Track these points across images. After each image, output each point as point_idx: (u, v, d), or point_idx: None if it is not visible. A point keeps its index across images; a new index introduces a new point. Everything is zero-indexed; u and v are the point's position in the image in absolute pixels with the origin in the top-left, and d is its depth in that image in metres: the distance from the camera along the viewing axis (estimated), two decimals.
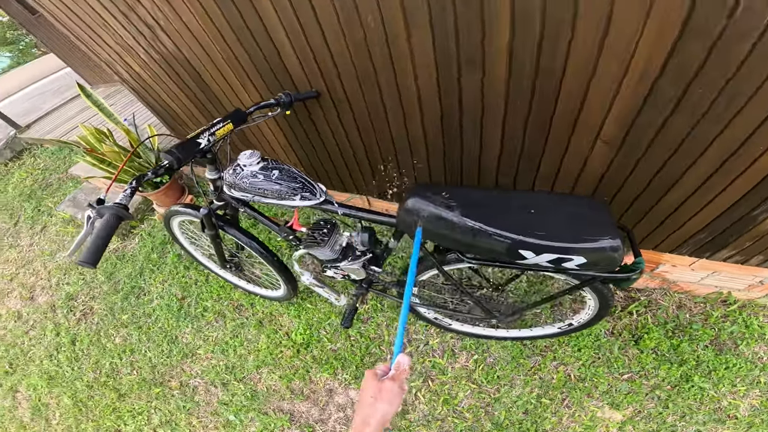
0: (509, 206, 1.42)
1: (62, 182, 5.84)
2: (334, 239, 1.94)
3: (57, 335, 3.93)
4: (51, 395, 3.66)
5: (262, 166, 1.71)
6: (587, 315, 2.07)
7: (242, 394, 2.99)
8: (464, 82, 1.66)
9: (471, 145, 1.98)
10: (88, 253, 1.23)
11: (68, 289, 4.21)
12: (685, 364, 2.28)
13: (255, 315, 3.29)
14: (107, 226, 1.29)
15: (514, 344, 2.59)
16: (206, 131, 1.66)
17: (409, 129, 2.08)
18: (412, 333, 2.83)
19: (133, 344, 3.56)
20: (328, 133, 2.47)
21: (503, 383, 2.51)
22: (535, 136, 1.74)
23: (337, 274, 2.20)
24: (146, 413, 3.22)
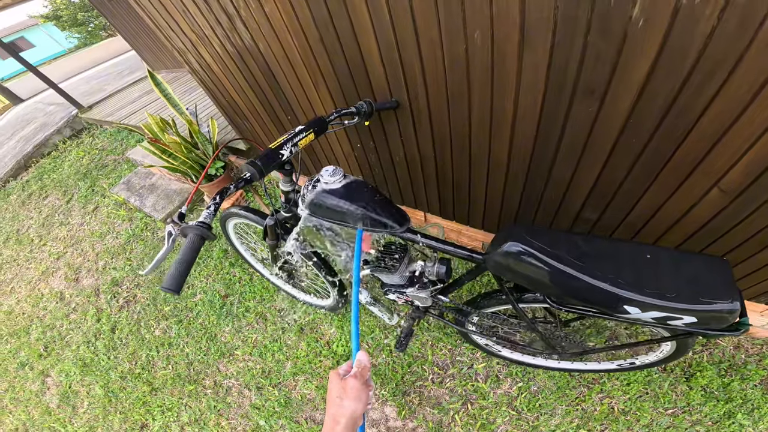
0: (619, 258, 1.28)
1: (118, 164, 5.90)
2: (405, 266, 1.84)
3: (98, 321, 3.93)
4: (82, 383, 3.63)
5: (345, 184, 1.60)
6: (656, 357, 1.95)
7: (276, 399, 2.91)
8: (574, 111, 1.53)
9: (559, 178, 1.87)
10: (172, 279, 1.15)
11: (114, 274, 4.21)
12: (732, 401, 2.20)
13: (297, 321, 3.21)
14: (192, 248, 1.20)
15: (562, 374, 2.49)
16: (288, 141, 1.55)
17: (493, 151, 1.97)
18: (457, 355, 2.73)
19: (171, 338, 3.51)
20: (398, 145, 2.37)
21: (544, 412, 2.42)
22: (641, 178, 1.63)
23: (399, 299, 2.07)
24: (176, 410, 3.16)
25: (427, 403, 2.63)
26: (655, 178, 1.59)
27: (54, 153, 7.18)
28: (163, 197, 4.55)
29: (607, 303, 1.24)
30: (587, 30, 1.25)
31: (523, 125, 1.73)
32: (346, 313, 3.11)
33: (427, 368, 2.73)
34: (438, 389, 2.65)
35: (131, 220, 4.76)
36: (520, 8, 1.31)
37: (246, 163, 1.43)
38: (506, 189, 2.18)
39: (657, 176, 1.58)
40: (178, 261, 1.17)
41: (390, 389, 2.72)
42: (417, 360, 2.77)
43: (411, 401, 2.66)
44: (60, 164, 6.69)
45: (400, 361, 2.79)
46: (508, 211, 2.35)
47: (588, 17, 1.21)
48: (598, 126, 1.53)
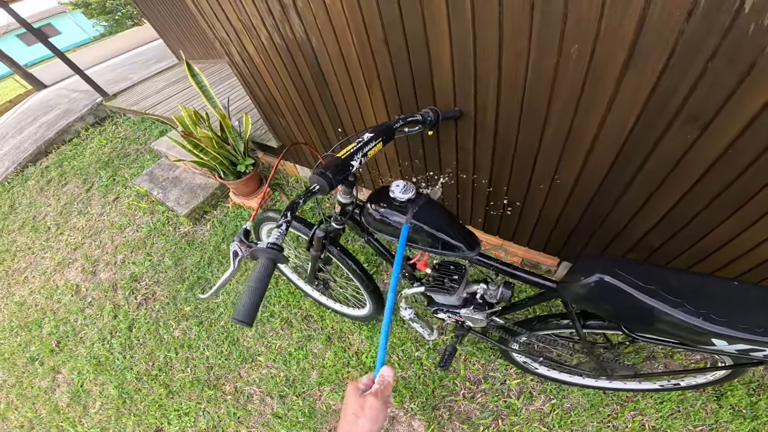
0: (709, 293, 1.23)
1: (140, 154, 5.82)
2: (463, 287, 1.73)
3: (114, 318, 3.83)
4: (95, 382, 3.54)
5: (418, 203, 1.50)
6: (704, 379, 1.94)
7: (299, 409, 2.83)
8: (668, 138, 1.44)
9: (629, 204, 1.81)
10: (245, 310, 1.02)
11: (133, 269, 4.11)
12: (757, 419, 2.21)
13: (324, 329, 3.12)
14: (265, 274, 1.07)
15: (596, 392, 2.45)
16: (358, 151, 1.40)
17: (560, 173, 1.87)
18: (490, 370, 2.67)
19: (191, 340, 3.42)
20: (451, 157, 2.27)
21: (575, 428, 2.39)
22: (722, 209, 1.56)
23: (449, 319, 1.99)
24: (193, 415, 3.08)
25: (457, 418, 2.58)
26: (736, 211, 1.53)
27: (75, 140, 7.11)
28: (187, 191, 4.46)
29: (696, 337, 1.20)
30: (711, 56, 1.16)
31: (602, 149, 1.64)
32: (376, 323, 3.02)
33: (459, 383, 2.67)
34: (469, 404, 2.60)
35: (153, 213, 4.67)
36: (635, 29, 1.21)
37: (315, 173, 1.29)
38: (564, 211, 2.09)
39: (739, 208, 1.51)
40: (250, 289, 1.04)
41: (419, 403, 2.65)
42: (449, 374, 2.71)
43: (440, 416, 2.60)
44: (81, 151, 6.62)
45: (431, 375, 2.73)
46: (560, 232, 2.28)
47: (717, 44, 1.13)
48: (691, 154, 1.45)
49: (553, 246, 2.45)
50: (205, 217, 4.34)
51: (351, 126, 2.64)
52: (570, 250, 2.38)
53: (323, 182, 1.28)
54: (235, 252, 1.23)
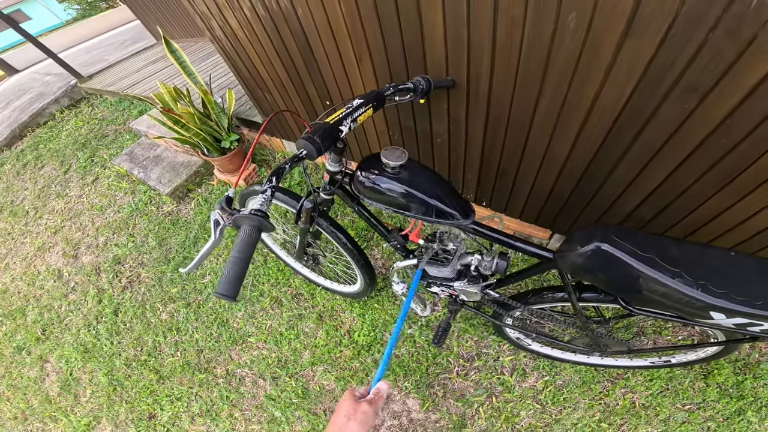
0: (707, 264, 1.22)
1: (119, 134, 5.72)
2: (457, 259, 1.72)
3: (99, 302, 3.79)
4: (84, 370, 3.53)
5: (410, 168, 1.48)
6: (696, 356, 1.97)
7: (292, 390, 2.85)
8: (664, 109, 1.43)
9: (622, 176, 1.81)
10: (228, 283, 0.97)
11: (116, 251, 4.06)
12: (743, 399, 2.28)
13: (315, 307, 3.11)
14: (249, 243, 1.01)
15: (588, 369, 2.51)
16: (348, 116, 1.37)
17: (553, 144, 1.86)
18: (483, 347, 2.70)
19: (180, 322, 3.40)
20: (443, 127, 2.24)
21: (567, 405, 2.45)
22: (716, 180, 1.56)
23: (443, 292, 1.99)
24: (186, 399, 3.08)
25: (451, 396, 2.61)
26: (730, 181, 1.53)
27: (51, 123, 6.98)
28: (170, 170, 4.39)
29: (694, 310, 1.19)
30: (712, 28, 1.15)
31: (597, 119, 1.63)
32: (368, 300, 3.02)
33: (452, 360, 2.70)
34: (463, 381, 2.63)
35: (134, 193, 4.59)
36: None
37: (302, 138, 1.26)
38: (557, 183, 2.09)
39: (734, 179, 1.52)
40: (233, 260, 0.99)
41: (413, 381, 2.68)
42: (442, 351, 2.73)
43: (435, 393, 2.64)
44: (57, 134, 6.50)
45: (424, 352, 2.75)
46: (553, 204, 2.27)
47: (718, 15, 1.12)
48: (687, 125, 1.44)
49: (545, 218, 2.45)
50: (189, 195, 4.28)
51: (339, 99, 2.60)
52: (562, 222, 2.38)
53: (311, 147, 1.24)
54: (216, 221, 1.18)
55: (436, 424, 2.59)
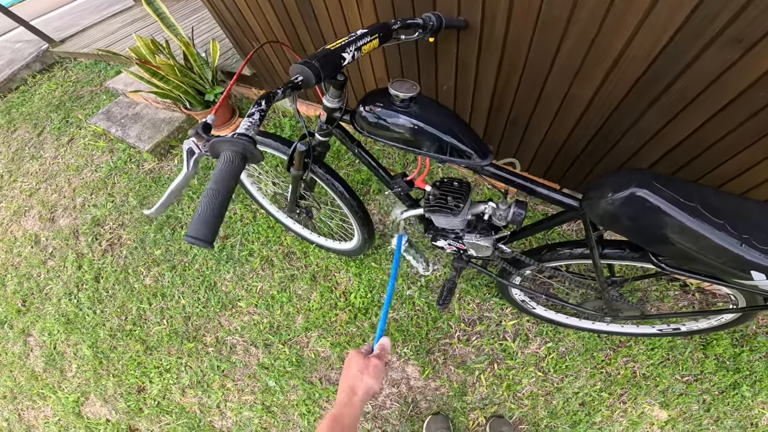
0: (752, 219, 1.12)
1: (95, 95, 5.52)
2: (468, 206, 1.60)
3: (79, 268, 3.67)
4: (68, 342, 3.47)
5: (420, 102, 1.34)
6: (707, 325, 1.92)
7: (286, 358, 2.80)
8: (703, 59, 1.34)
9: (645, 129, 1.71)
10: (204, 224, 0.79)
11: (95, 212, 3.92)
12: (739, 372, 2.32)
13: (308, 267, 3.03)
14: (230, 173, 0.84)
15: (591, 336, 2.51)
16: (352, 44, 1.24)
17: (572, 93, 1.75)
18: (485, 310, 2.66)
19: (165, 288, 3.31)
20: (450, 72, 2.10)
21: (570, 373, 2.47)
22: (751, 133, 1.47)
23: (450, 247, 1.88)
24: (175, 371, 3.04)
25: (452, 363, 2.59)
26: (762, 137, 1.45)
27: (23, 87, 6.76)
28: (150, 127, 4.23)
29: (733, 268, 1.10)
30: None
31: (625, 69, 1.53)
32: (364, 259, 2.94)
33: (453, 324, 2.66)
34: (464, 347, 2.61)
35: (112, 152, 4.43)
36: None
37: (299, 62, 1.13)
38: (573, 133, 1.98)
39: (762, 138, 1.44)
40: (210, 194, 0.81)
41: (413, 347, 2.65)
42: (443, 315, 2.68)
43: (435, 360, 2.62)
44: (29, 98, 6.29)
45: (424, 315, 2.71)
46: (566, 156, 2.17)
47: None
48: (726, 77, 1.35)
49: (555, 171, 2.35)
50: (172, 152, 4.14)
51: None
52: (573, 176, 2.29)
53: (308, 72, 1.12)
54: (190, 150, 1.04)
55: (436, 392, 2.57)
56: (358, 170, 3.33)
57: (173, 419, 2.95)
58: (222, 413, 2.88)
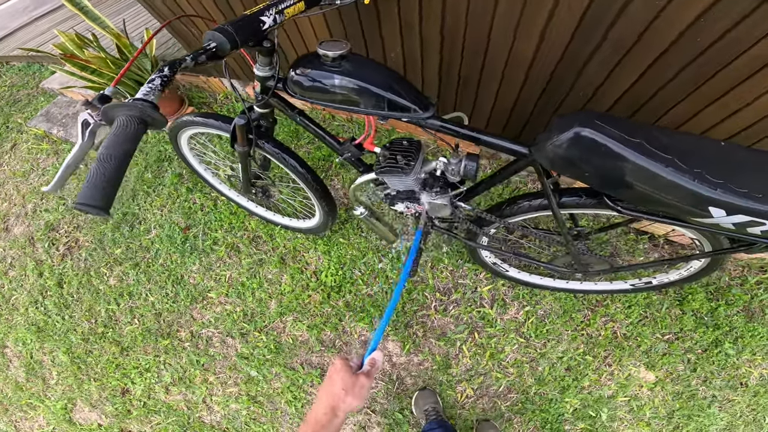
0: (702, 154, 1.14)
1: (33, 98, 5.36)
2: (420, 164, 1.60)
3: (40, 276, 3.60)
4: (43, 350, 3.44)
5: (352, 61, 1.34)
6: (678, 276, 1.96)
7: (264, 346, 2.81)
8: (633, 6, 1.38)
9: (589, 81, 1.76)
10: (94, 189, 0.76)
11: (47, 217, 3.83)
12: (719, 329, 2.36)
13: (276, 250, 3.01)
14: (125, 137, 0.81)
15: (568, 296, 2.54)
16: (272, 7, 1.21)
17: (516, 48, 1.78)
18: (459, 277, 2.67)
19: (131, 286, 3.26)
20: (396, 38, 2.10)
21: (551, 338, 2.51)
22: (690, 81, 1.52)
23: (408, 209, 1.88)
24: (155, 370, 3.03)
25: (432, 335, 2.62)
26: (705, 82, 1.50)
27: None
28: None
29: (690, 205, 1.13)
30: None
31: (563, 16, 1.54)
32: (331, 234, 2.93)
33: (428, 294, 2.69)
34: (442, 318, 2.64)
35: (57, 154, 4.31)
36: None
37: (212, 29, 1.10)
38: (523, 89, 2.02)
39: (711, 78, 1.48)
40: (100, 158, 0.78)
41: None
42: (417, 286, 2.70)
43: (414, 333, 2.64)
44: None
45: None
46: (520, 112, 2.21)
47: None
48: (658, 23, 1.39)
49: (512, 129, 2.39)
50: None
51: None
52: (530, 132, 2.33)
53: (221, 38, 1.10)
54: (85, 121, 1.01)
55: (420, 367, 2.60)
56: (318, 147, 3.29)
57: (162, 418, 2.96)
58: (209, 408, 2.89)
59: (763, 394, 2.31)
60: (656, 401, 2.37)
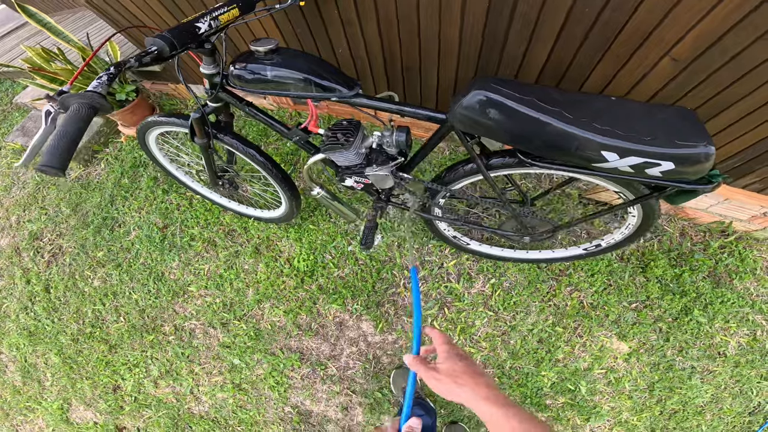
0: (591, 107, 1.32)
1: (7, 114, 5.46)
2: (359, 140, 1.76)
3: (28, 283, 3.72)
4: (36, 354, 3.56)
5: (282, 53, 1.56)
6: (621, 235, 2.08)
7: (245, 334, 2.91)
8: None
9: (513, 55, 1.92)
10: (52, 153, 1.00)
11: (31, 227, 3.94)
12: (686, 295, 2.42)
13: (250, 241, 3.13)
14: (77, 118, 1.05)
15: (531, 267, 2.63)
16: (206, 14, 1.44)
17: (444, 30, 1.94)
18: (425, 254, 2.77)
19: (114, 286, 3.38)
20: (339, 34, 2.26)
21: (519, 310, 2.58)
22: (593, 49, 1.71)
23: (357, 184, 2.03)
24: (143, 365, 3.15)
25: (404, 312, 2.71)
26: (607, 49, 1.67)
27: None
28: None
29: (584, 152, 1.29)
30: None
31: (473, 1, 1.73)
32: (301, 222, 3.06)
33: (397, 273, 2.78)
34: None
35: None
36: None
37: (154, 36, 1.31)
38: (459, 68, 2.18)
39: (609, 47, 1.66)
40: (57, 134, 1.03)
41: (362, 302, 2.77)
42: (385, 265, 2.81)
43: (386, 312, 2.73)
44: None
45: (368, 268, 2.82)
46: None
47: None
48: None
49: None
50: (97, 157, 4.14)
51: None
52: None
53: (161, 43, 1.30)
54: (47, 111, 1.17)
55: (394, 345, 2.70)
56: (286, 143, 3.43)
57: (154, 412, 3.08)
58: (197, 398, 3.01)
59: (744, 365, 2.35)
60: (634, 373, 2.42)
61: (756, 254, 2.43)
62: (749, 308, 2.36)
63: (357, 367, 2.74)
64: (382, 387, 2.67)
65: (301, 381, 2.79)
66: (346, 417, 2.75)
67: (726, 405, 2.36)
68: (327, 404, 2.77)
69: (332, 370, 2.76)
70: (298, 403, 2.80)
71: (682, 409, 2.38)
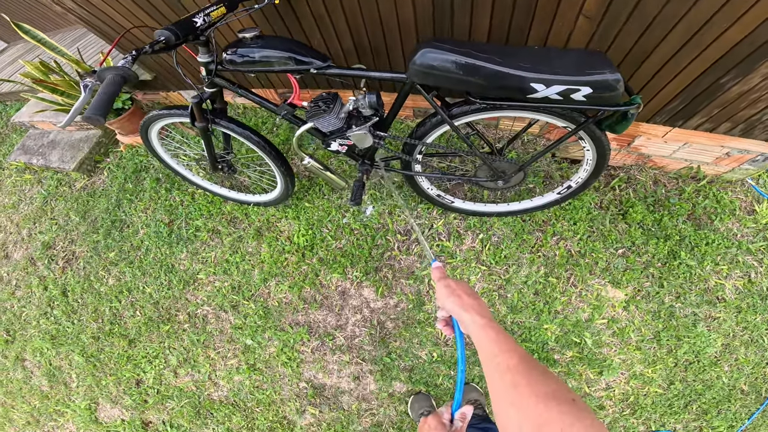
0: (516, 54, 1.69)
1: (6, 136, 5.70)
2: (338, 106, 2.09)
3: (45, 289, 4.01)
4: (59, 356, 3.78)
5: (264, 38, 1.92)
6: (585, 172, 2.30)
7: (254, 313, 3.12)
8: None
9: (462, 26, 2.15)
10: (96, 107, 1.32)
11: (43, 238, 4.19)
12: (670, 239, 2.56)
13: (252, 225, 3.37)
14: (113, 83, 1.39)
15: (515, 220, 2.80)
16: (201, 12, 1.77)
17: (400, 14, 2.18)
18: (414, 218, 2.96)
19: (128, 282, 3.62)
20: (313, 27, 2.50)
21: (511, 263, 2.73)
22: (522, 14, 1.95)
23: (342, 146, 2.32)
24: (162, 355, 3.37)
25: (401, 275, 2.90)
26: (534, 13, 1.92)
27: None
28: (69, 148, 4.41)
29: (516, 85, 1.63)
30: None
31: None
32: (298, 202, 3.28)
33: (390, 237, 2.99)
34: (407, 258, 2.92)
35: (41, 182, 4.71)
36: None
37: (161, 28, 1.62)
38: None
39: (535, 11, 1.91)
40: (99, 95, 1.35)
41: (361, 268, 2.96)
42: (379, 232, 3.02)
43: (385, 276, 2.93)
44: None
45: (363, 236, 3.03)
46: None
47: None
48: None
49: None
50: (99, 166, 4.37)
51: None
52: None
53: (168, 33, 1.62)
54: (86, 84, 1.48)
55: (396, 308, 2.89)
56: (277, 134, 3.66)
57: (176, 403, 3.30)
58: (215, 384, 3.24)
59: (747, 310, 2.44)
60: (636, 322, 2.52)
61: (731, 195, 2.58)
62: (736, 249, 2.50)
63: (363, 334, 2.92)
64: (390, 352, 2.84)
65: (311, 354, 3.00)
66: (359, 387, 2.92)
67: (740, 355, 2.48)
68: (339, 375, 2.95)
69: (340, 339, 2.94)
70: (311, 377, 3.01)
71: (695, 359, 2.50)
